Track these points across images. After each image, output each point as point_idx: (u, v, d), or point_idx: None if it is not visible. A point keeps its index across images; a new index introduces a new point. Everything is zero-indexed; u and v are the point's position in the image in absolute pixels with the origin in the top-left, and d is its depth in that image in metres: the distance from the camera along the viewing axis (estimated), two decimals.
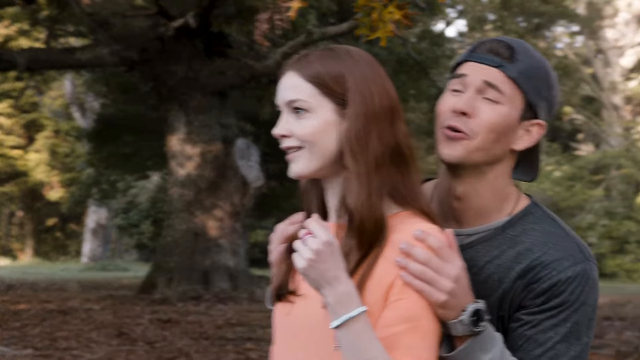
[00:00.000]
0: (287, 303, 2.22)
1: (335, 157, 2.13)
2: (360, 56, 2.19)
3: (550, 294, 2.14)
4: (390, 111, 2.17)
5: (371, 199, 2.09)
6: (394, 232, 2.11)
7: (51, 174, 37.09)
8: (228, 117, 18.61)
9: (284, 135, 2.17)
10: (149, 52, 17.84)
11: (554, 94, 2.29)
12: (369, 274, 2.06)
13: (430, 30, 25.71)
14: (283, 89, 2.18)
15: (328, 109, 2.12)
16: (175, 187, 18.17)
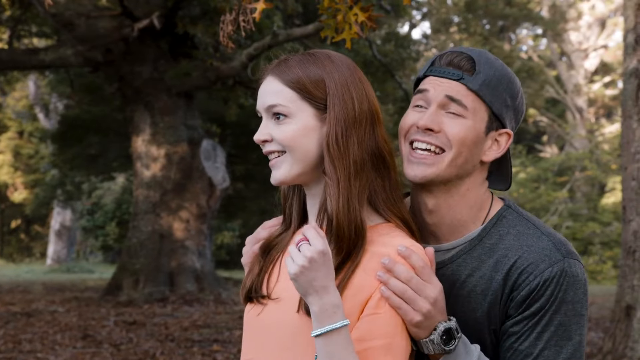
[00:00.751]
0: (258, 304, 2.23)
1: (316, 162, 2.14)
2: (341, 61, 2.20)
3: (530, 300, 2.12)
4: (371, 116, 2.18)
5: (350, 205, 2.09)
6: (374, 244, 2.11)
7: (15, 175, 36.80)
8: (194, 118, 18.56)
9: (265, 140, 2.18)
10: (113, 53, 17.75)
11: (518, 102, 2.26)
12: (347, 283, 2.07)
13: (396, 32, 25.76)
14: (263, 94, 2.19)
15: (308, 114, 2.14)
16: (140, 189, 18.10)
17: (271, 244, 2.31)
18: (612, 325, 9.24)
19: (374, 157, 2.16)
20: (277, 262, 2.26)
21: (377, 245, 2.11)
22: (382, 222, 2.18)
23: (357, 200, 2.11)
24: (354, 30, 4.66)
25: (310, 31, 15.75)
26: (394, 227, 2.16)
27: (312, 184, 2.20)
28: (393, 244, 2.11)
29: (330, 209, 2.12)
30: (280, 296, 2.18)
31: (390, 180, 2.20)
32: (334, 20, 4.70)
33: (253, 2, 4.68)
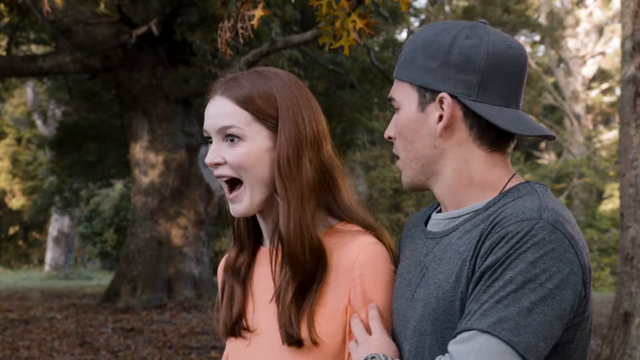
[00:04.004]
0: (242, 337, 2.21)
1: (273, 184, 2.11)
2: (290, 80, 2.17)
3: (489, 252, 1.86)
4: (319, 135, 2.15)
5: (303, 226, 2.06)
6: (336, 251, 2.09)
7: (13, 182, 36.77)
8: (192, 125, 18.57)
9: (218, 164, 2.13)
10: (111, 59, 17.76)
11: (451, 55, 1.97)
12: (318, 303, 2.05)
13: (394, 39, 25.77)
14: (214, 115, 2.13)
15: (262, 136, 2.10)
16: (138, 195, 18.09)
17: (235, 267, 2.28)
18: (610, 332, 9.24)
19: (324, 175, 2.14)
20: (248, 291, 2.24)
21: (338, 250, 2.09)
22: (337, 222, 2.17)
23: (310, 220, 2.08)
24: (352, 37, 4.66)
25: (308, 38, 15.72)
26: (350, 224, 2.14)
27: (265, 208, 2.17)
28: (356, 246, 2.08)
29: (282, 231, 2.08)
30: (260, 328, 2.16)
31: (341, 195, 2.17)
32: (332, 27, 4.70)
33: (251, 9, 4.69)
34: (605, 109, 36.97)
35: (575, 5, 35.73)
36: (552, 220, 1.85)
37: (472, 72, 1.97)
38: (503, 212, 1.90)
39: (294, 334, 2.04)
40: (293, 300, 2.05)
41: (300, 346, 2.05)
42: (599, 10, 35.54)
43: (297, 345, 2.05)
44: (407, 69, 2.03)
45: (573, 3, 35.52)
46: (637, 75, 8.97)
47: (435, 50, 1.99)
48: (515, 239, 1.82)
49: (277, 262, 2.12)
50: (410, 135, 2.02)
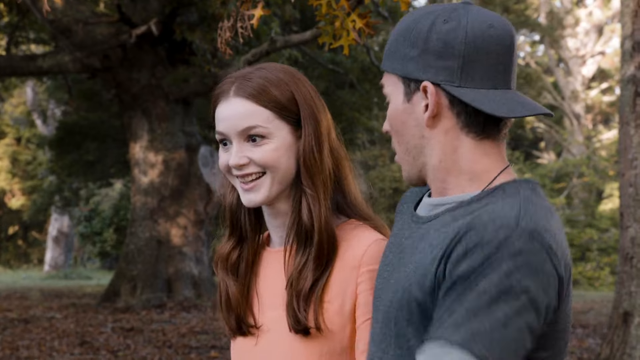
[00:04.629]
0: (250, 335, 2.20)
1: (293, 178, 2.13)
2: (293, 72, 2.18)
3: (462, 259, 1.76)
4: (329, 126, 2.17)
5: (328, 217, 2.09)
6: (340, 244, 2.10)
7: (12, 181, 36.77)
8: (191, 124, 18.57)
9: (243, 165, 2.12)
10: (111, 59, 17.75)
11: (430, 41, 1.90)
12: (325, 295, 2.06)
13: None
14: (233, 117, 2.11)
15: (286, 132, 2.11)
16: (138, 195, 18.09)
17: (231, 262, 2.27)
18: (610, 331, 9.25)
19: (335, 166, 2.16)
20: (252, 288, 2.24)
21: (346, 247, 2.09)
22: (345, 220, 2.18)
23: (329, 211, 2.10)
24: (351, 36, 4.67)
25: (308, 37, 15.73)
26: (357, 222, 2.15)
27: (279, 202, 2.17)
28: (363, 242, 2.09)
29: (307, 223, 2.08)
30: (268, 327, 2.16)
31: (348, 185, 2.19)
32: (332, 26, 4.71)
33: (251, 9, 4.69)
34: (604, 109, 36.98)
35: (574, 5, 35.73)
36: (529, 229, 1.74)
37: (452, 58, 1.88)
38: (481, 214, 1.79)
39: (301, 321, 2.04)
40: (306, 290, 2.05)
41: (307, 334, 2.05)
42: (598, 10, 35.55)
43: (304, 333, 2.05)
44: (391, 60, 1.97)
45: (573, 3, 35.53)
46: (637, 75, 8.97)
47: (415, 38, 1.92)
48: (490, 247, 1.72)
49: (291, 256, 2.12)
50: (400, 127, 1.96)
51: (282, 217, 2.18)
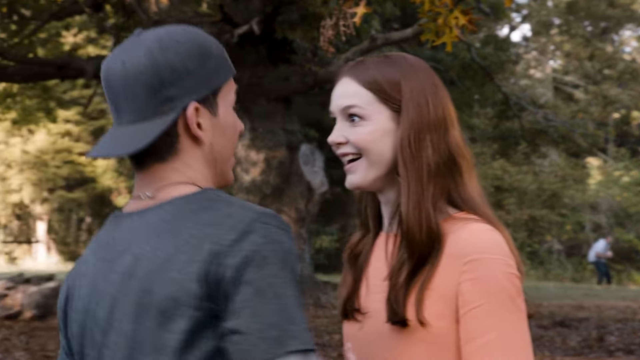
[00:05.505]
0: (355, 320, 2.22)
1: (391, 165, 2.12)
2: (417, 64, 2.18)
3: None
4: (445, 121, 2.14)
5: (422, 209, 2.06)
6: (448, 236, 2.08)
7: (119, 180, 37.58)
8: (292, 123, 18.68)
9: (339, 143, 2.16)
10: None
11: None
12: (427, 286, 2.03)
13: (495, 35, 25.56)
14: (338, 95, 2.18)
15: (385, 116, 2.11)
16: (240, 193, 18.28)
17: (355, 251, 2.30)
18: None
19: (449, 162, 2.12)
20: (363, 273, 2.25)
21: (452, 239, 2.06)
22: (457, 212, 2.16)
23: (430, 203, 2.07)
24: (454, 33, 4.63)
25: (409, 35, 15.72)
26: (470, 216, 2.12)
27: (386, 189, 2.17)
28: (469, 232, 2.05)
29: (402, 212, 2.09)
30: (371, 312, 2.15)
31: (465, 185, 2.14)
32: (435, 23, 4.68)
33: (353, 7, 4.69)
34: None
35: None
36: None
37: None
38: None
39: (398, 312, 2.03)
40: (404, 280, 2.05)
41: (405, 326, 2.04)
42: None
43: (401, 325, 2.04)
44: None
45: None
46: None
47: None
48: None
49: (395, 244, 2.12)
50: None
51: (391, 205, 2.19)
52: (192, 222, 1.82)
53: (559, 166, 34.22)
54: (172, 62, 1.90)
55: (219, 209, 1.82)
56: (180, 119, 1.91)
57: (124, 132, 1.93)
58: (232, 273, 1.72)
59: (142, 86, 1.90)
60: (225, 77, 2.05)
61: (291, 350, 1.69)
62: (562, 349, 11.69)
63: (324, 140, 21.07)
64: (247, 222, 1.77)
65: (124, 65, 1.92)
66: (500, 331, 1.97)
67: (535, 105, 24.39)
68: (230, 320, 1.72)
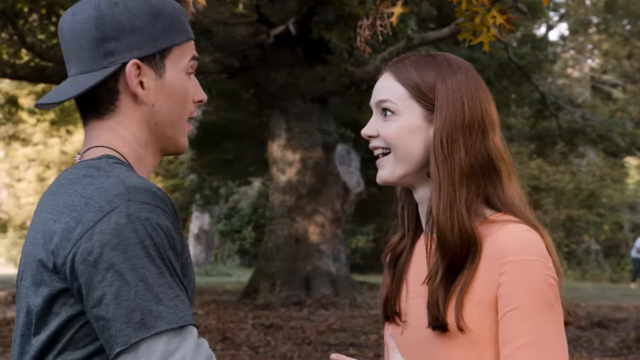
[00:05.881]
0: (396, 323, 2.22)
1: (422, 164, 2.11)
2: (459, 66, 2.16)
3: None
4: (483, 124, 2.12)
5: (453, 209, 2.05)
6: (486, 239, 2.07)
7: (155, 180, 37.72)
8: (328, 123, 18.68)
9: (371, 136, 2.17)
10: (249, 59, 18.04)
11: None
12: (466, 291, 2.02)
13: (532, 34, 25.41)
14: (376, 89, 2.19)
15: (416, 114, 2.11)
16: (276, 193, 18.30)
17: (395, 252, 2.29)
18: None
19: (485, 165, 2.10)
20: (403, 276, 2.24)
21: (490, 241, 2.04)
22: (494, 213, 2.14)
23: (463, 206, 2.05)
24: (492, 32, 4.61)
25: (445, 34, 15.69)
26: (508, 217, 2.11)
27: (419, 188, 2.17)
28: (506, 233, 2.03)
29: (433, 213, 2.08)
30: (412, 316, 2.15)
31: (504, 189, 2.13)
32: (472, 23, 4.66)
33: (390, 7, 4.69)
34: None
35: None
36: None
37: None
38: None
39: (439, 317, 2.03)
40: (441, 284, 2.04)
41: (445, 331, 2.03)
42: None
43: (442, 330, 2.03)
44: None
45: None
46: None
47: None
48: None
49: (432, 246, 2.12)
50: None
51: (425, 204, 2.18)
52: (71, 190, 1.82)
53: (597, 166, 33.97)
54: (118, 17, 1.90)
55: (96, 179, 1.81)
56: (122, 77, 1.91)
57: (66, 83, 1.95)
58: (91, 257, 1.71)
59: (86, 38, 1.91)
60: (176, 39, 1.99)
61: (158, 331, 1.68)
62: (600, 350, 11.59)
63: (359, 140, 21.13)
64: (111, 198, 1.74)
65: (74, 16, 1.94)
66: (537, 334, 1.96)
67: (572, 104, 24.24)
68: (95, 306, 1.71)
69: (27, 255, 1.88)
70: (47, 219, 1.82)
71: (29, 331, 1.85)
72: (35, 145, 38.16)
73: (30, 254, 1.85)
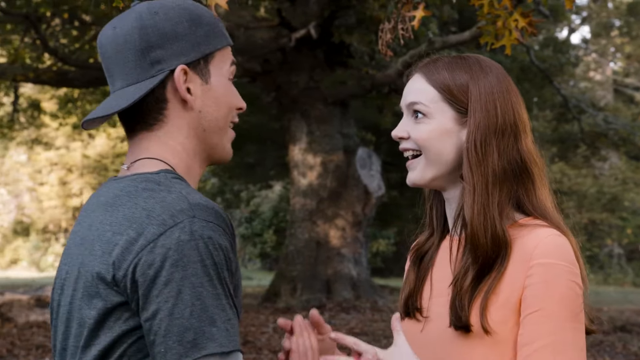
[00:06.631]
0: (417, 320, 2.22)
1: (453, 166, 2.13)
2: (490, 68, 2.16)
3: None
4: (515, 127, 2.13)
5: (487, 213, 2.05)
6: (515, 242, 2.06)
7: None
8: (349, 126, 18.67)
9: (401, 137, 2.18)
10: (271, 63, 18.05)
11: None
12: (493, 292, 2.03)
13: (554, 37, 25.32)
14: (407, 91, 2.19)
15: (448, 116, 2.12)
16: (297, 197, 18.31)
17: (420, 251, 2.30)
18: None
19: (517, 168, 2.11)
20: (428, 274, 2.25)
21: (519, 244, 2.05)
22: (524, 217, 2.13)
23: (496, 209, 2.06)
24: (514, 36, 4.60)
25: (466, 38, 15.64)
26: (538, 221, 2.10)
27: (449, 189, 2.18)
28: (536, 237, 2.04)
29: (466, 216, 2.08)
30: (434, 315, 2.16)
31: (536, 192, 2.14)
32: (494, 26, 4.65)
33: (412, 10, 4.68)
34: None
35: None
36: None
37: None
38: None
39: (462, 317, 2.04)
40: (469, 285, 2.05)
41: (468, 331, 2.04)
42: None
43: (464, 330, 2.04)
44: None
45: None
46: None
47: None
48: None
49: (460, 248, 2.12)
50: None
51: (454, 205, 2.19)
52: (131, 203, 1.81)
53: (620, 169, 33.81)
54: (160, 25, 1.91)
55: (157, 193, 1.80)
56: (170, 84, 1.92)
57: (113, 97, 1.96)
58: (151, 271, 1.71)
59: (130, 49, 1.91)
60: (218, 44, 2.02)
61: (208, 353, 1.68)
62: (623, 354, 11.54)
63: (380, 143, 21.11)
64: (175, 213, 1.74)
65: (115, 30, 1.94)
66: (555, 337, 1.97)
67: (595, 107, 24.16)
68: (149, 320, 1.71)
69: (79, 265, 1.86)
70: (105, 230, 1.81)
71: (78, 344, 1.85)
72: (57, 149, 38.29)
73: (84, 264, 1.84)
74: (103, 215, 1.85)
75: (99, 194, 1.94)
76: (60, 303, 1.92)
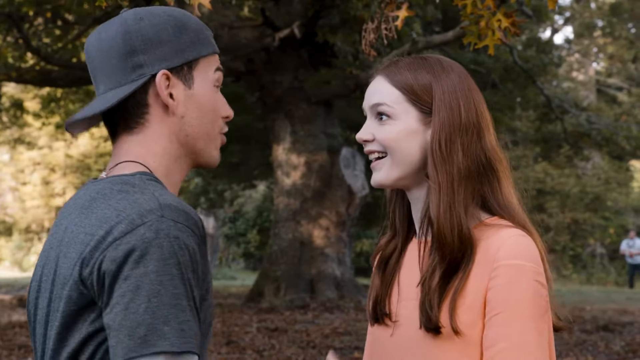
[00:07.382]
0: (385, 325, 2.21)
1: (418, 166, 2.12)
2: (451, 67, 2.17)
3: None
4: (478, 125, 2.13)
5: (453, 211, 2.05)
6: (480, 243, 2.07)
7: None
8: (333, 126, 18.68)
9: (366, 140, 2.17)
10: (255, 62, 18.04)
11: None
12: (460, 292, 2.02)
13: (537, 38, 25.40)
14: (370, 93, 2.20)
15: (412, 117, 2.11)
16: (281, 197, 18.31)
17: (384, 255, 2.28)
18: None
19: (482, 166, 2.11)
20: (395, 278, 2.24)
21: (484, 245, 2.04)
22: (489, 217, 2.14)
23: (462, 207, 2.05)
24: (497, 36, 4.61)
25: (450, 38, 15.68)
26: (503, 221, 2.10)
27: (414, 189, 2.16)
28: (500, 238, 2.03)
29: (432, 215, 2.07)
30: (403, 318, 2.14)
31: (502, 189, 2.13)
32: (477, 26, 4.66)
33: (395, 10, 4.69)
34: None
35: None
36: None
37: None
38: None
39: (432, 318, 2.02)
40: (437, 285, 2.04)
41: (438, 333, 2.03)
42: None
43: (435, 332, 2.03)
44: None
45: None
46: None
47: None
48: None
49: (426, 249, 2.12)
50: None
51: (420, 205, 2.18)
52: (105, 204, 1.81)
53: (602, 169, 33.98)
54: (144, 31, 1.92)
55: (131, 195, 1.80)
56: (152, 89, 1.92)
57: (95, 101, 1.96)
58: (113, 266, 1.70)
59: (113, 54, 1.92)
60: (203, 51, 2.01)
61: (157, 350, 1.65)
62: (606, 354, 11.58)
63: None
64: (143, 213, 1.74)
65: (100, 35, 1.95)
66: (520, 338, 1.96)
67: (577, 107, 24.25)
68: (107, 314, 1.70)
69: (55, 267, 1.86)
70: (79, 232, 1.82)
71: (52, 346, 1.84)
72: (40, 148, 38.20)
73: (59, 266, 1.84)
74: (79, 217, 1.85)
75: (77, 196, 1.94)
76: (38, 306, 1.92)
